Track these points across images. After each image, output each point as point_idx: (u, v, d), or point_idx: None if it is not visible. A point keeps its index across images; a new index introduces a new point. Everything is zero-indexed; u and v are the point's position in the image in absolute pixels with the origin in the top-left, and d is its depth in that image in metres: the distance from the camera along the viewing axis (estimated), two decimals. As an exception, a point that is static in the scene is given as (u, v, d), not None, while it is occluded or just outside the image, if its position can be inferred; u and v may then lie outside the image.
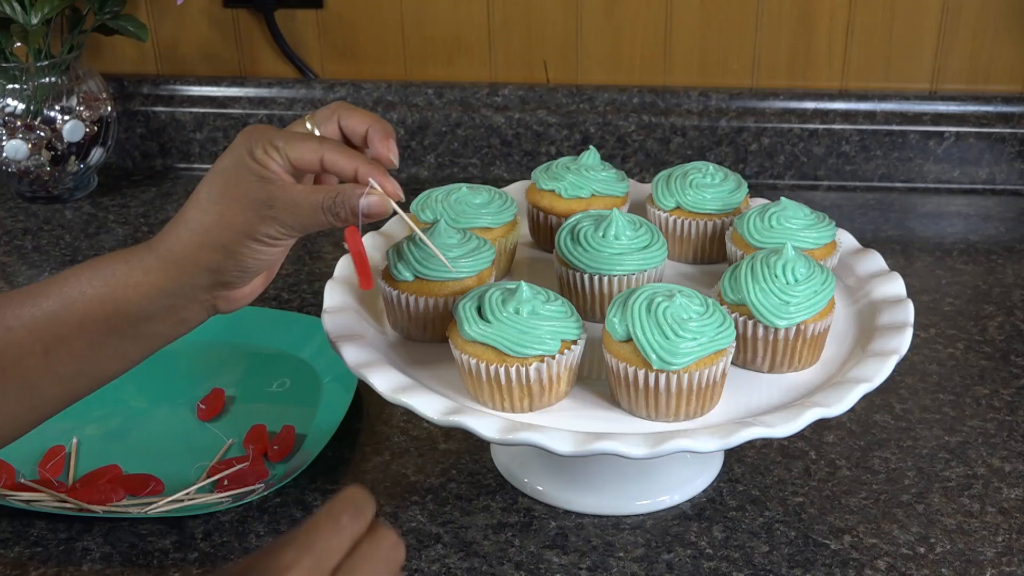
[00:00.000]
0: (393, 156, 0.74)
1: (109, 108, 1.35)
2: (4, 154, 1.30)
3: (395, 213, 0.73)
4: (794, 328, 0.79)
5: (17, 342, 0.71)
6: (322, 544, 0.56)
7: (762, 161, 1.37)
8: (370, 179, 0.71)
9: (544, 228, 0.97)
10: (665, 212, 0.95)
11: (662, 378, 0.74)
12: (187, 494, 0.85)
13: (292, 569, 0.54)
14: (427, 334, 0.84)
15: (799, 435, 0.89)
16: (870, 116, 1.34)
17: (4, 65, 1.27)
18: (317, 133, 0.75)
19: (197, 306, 0.74)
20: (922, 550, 0.80)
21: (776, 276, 0.80)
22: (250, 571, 0.54)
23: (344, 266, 0.92)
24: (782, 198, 0.90)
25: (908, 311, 0.84)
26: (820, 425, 0.92)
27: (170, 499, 0.84)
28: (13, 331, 0.71)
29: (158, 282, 0.72)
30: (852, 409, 0.77)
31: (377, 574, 0.57)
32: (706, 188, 0.94)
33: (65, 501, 0.83)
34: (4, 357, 0.71)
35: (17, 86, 1.28)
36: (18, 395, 0.72)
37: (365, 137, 0.75)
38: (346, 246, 0.76)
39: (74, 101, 1.31)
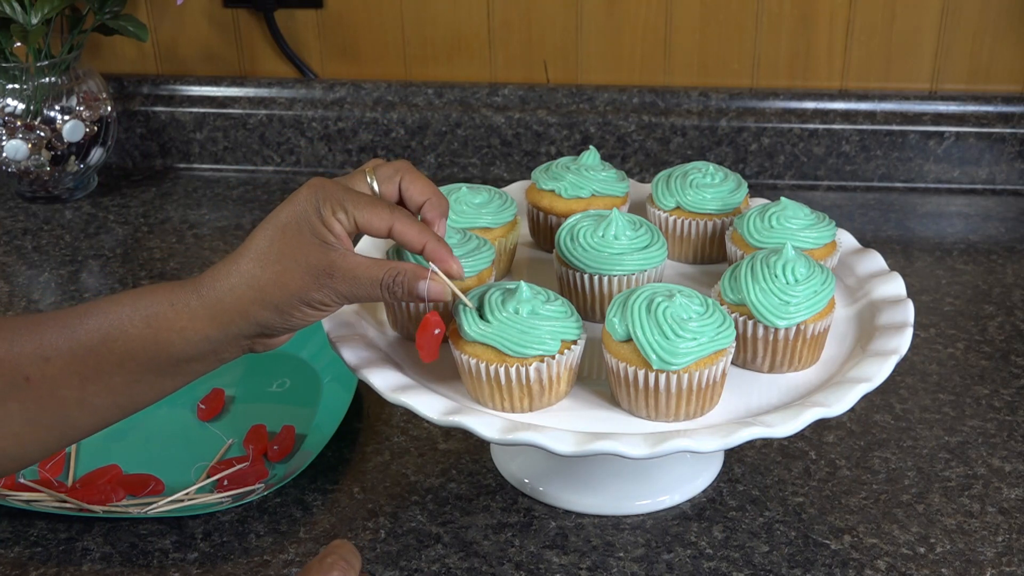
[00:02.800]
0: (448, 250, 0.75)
1: (109, 108, 1.35)
2: (4, 154, 1.30)
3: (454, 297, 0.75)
4: (794, 328, 0.79)
5: (54, 374, 0.69)
6: None
7: (762, 161, 1.37)
8: (431, 265, 0.73)
9: (544, 228, 0.97)
10: (665, 212, 0.95)
11: (662, 378, 0.74)
12: (187, 494, 0.85)
13: None
14: (427, 334, 0.84)
15: (799, 435, 0.89)
16: (870, 116, 1.34)
17: (4, 65, 1.27)
18: (376, 187, 0.75)
19: (237, 349, 0.74)
20: (922, 550, 0.80)
21: (776, 276, 0.80)
22: None
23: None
24: (782, 198, 0.90)
25: (908, 311, 0.84)
26: (820, 425, 0.92)
27: (170, 499, 0.84)
28: (50, 362, 0.69)
29: (203, 329, 0.71)
30: (852, 409, 0.77)
31: None
32: (706, 188, 0.94)
33: (65, 501, 0.83)
34: (40, 387, 0.69)
35: (17, 86, 1.28)
36: (50, 424, 0.71)
37: (420, 206, 0.75)
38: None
39: (74, 101, 1.31)
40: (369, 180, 0.75)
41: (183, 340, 0.71)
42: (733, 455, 0.89)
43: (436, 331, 0.76)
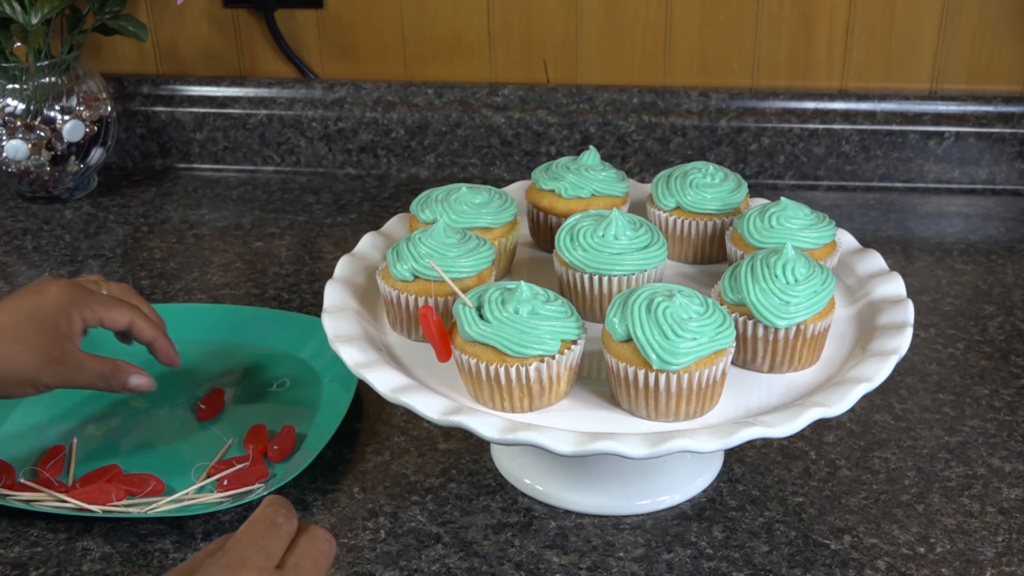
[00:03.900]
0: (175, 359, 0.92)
1: (109, 108, 1.35)
2: (4, 154, 1.30)
3: None
4: (794, 328, 0.79)
5: None
6: (266, 542, 0.59)
7: (762, 161, 1.37)
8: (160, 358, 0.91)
9: (544, 228, 0.97)
10: (665, 212, 0.95)
11: (662, 378, 0.74)
12: (187, 494, 0.85)
13: (244, 565, 0.57)
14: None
15: (799, 435, 0.89)
16: (870, 116, 1.34)
17: (4, 65, 1.27)
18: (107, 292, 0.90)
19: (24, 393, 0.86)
20: (922, 550, 0.80)
21: (776, 276, 0.80)
22: (201, 569, 0.57)
23: (344, 266, 0.92)
24: (782, 198, 0.90)
25: (908, 311, 0.84)
26: (820, 425, 0.92)
27: (170, 499, 0.84)
28: None
29: None
30: (852, 409, 0.77)
31: (318, 567, 0.61)
32: (706, 188, 0.94)
33: (65, 501, 0.83)
34: None
35: (17, 86, 1.28)
36: None
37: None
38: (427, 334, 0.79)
39: (74, 101, 1.31)
40: (104, 292, 0.90)
41: None
42: (733, 455, 0.89)
43: (434, 321, 0.76)
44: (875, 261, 0.91)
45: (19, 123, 1.29)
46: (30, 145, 1.30)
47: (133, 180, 1.42)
